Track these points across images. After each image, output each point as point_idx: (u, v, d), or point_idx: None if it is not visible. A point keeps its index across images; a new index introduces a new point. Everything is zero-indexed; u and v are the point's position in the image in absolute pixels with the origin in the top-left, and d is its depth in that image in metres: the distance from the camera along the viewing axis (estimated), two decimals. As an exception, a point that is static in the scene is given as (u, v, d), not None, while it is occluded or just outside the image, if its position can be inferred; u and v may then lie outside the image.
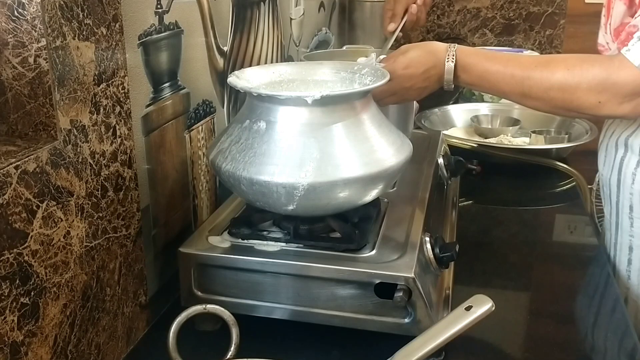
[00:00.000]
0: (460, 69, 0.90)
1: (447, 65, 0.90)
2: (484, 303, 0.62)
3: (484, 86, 0.93)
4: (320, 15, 1.61)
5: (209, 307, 0.66)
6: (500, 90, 0.91)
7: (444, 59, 0.91)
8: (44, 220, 0.57)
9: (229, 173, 0.73)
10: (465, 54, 0.91)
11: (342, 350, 0.74)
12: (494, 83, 0.90)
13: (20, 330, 0.55)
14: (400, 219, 0.83)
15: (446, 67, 0.90)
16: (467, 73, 0.91)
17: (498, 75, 0.89)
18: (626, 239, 1.00)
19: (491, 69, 0.90)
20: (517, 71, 0.88)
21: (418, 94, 0.95)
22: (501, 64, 0.89)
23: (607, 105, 0.83)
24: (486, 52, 0.94)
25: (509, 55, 0.93)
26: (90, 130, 0.63)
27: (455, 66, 0.90)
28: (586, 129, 1.42)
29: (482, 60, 0.91)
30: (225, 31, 0.98)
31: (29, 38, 0.56)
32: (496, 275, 0.95)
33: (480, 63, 0.90)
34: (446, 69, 0.90)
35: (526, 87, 0.87)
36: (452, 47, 0.91)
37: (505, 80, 0.89)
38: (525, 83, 0.87)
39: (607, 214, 1.05)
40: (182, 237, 0.82)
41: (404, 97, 0.95)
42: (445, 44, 0.93)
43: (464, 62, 0.90)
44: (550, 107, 0.90)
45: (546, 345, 0.77)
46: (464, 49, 0.92)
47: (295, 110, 0.72)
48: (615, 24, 0.94)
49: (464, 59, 0.90)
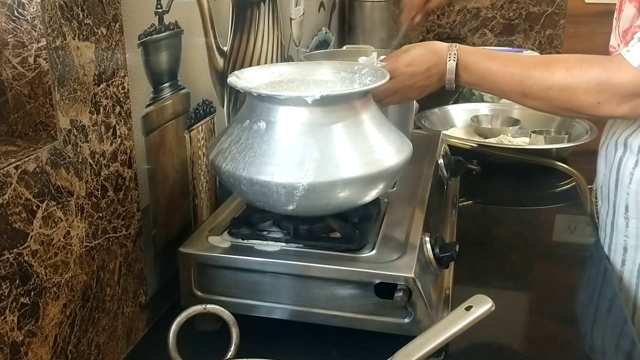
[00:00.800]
0: (461, 68, 0.91)
1: (448, 64, 0.91)
2: (484, 303, 0.62)
3: (485, 85, 0.93)
4: (320, 15, 1.61)
5: (209, 307, 0.66)
6: (501, 89, 0.91)
7: (446, 57, 0.91)
8: (44, 220, 0.57)
9: (229, 173, 0.73)
10: (466, 53, 0.91)
11: (342, 350, 0.74)
12: (494, 82, 0.91)
13: (20, 330, 0.55)
14: (400, 219, 0.83)
15: (448, 66, 0.91)
16: (468, 72, 0.91)
17: (499, 74, 0.89)
18: (621, 240, 1.00)
19: (492, 68, 0.90)
20: (518, 70, 0.88)
21: (419, 93, 0.95)
22: (502, 63, 0.90)
23: (606, 106, 0.84)
24: (487, 51, 0.95)
25: (510, 55, 0.93)
26: (90, 130, 0.63)
27: (457, 65, 0.90)
28: (586, 129, 1.42)
29: (483, 59, 0.91)
30: (225, 31, 0.98)
31: (29, 38, 0.56)
32: (496, 275, 0.95)
33: (481, 62, 0.91)
34: (448, 68, 0.91)
35: (526, 87, 0.88)
36: (453, 46, 0.92)
37: (506, 79, 0.89)
38: (525, 82, 0.87)
39: (602, 215, 1.05)
40: (182, 237, 0.81)
41: (405, 95, 0.95)
42: (447, 44, 0.93)
43: (465, 61, 0.91)
44: (550, 107, 0.90)
45: (546, 345, 0.77)
46: (466, 48, 0.92)
47: (295, 110, 0.72)
48: (624, 27, 0.94)
49: (465, 58, 0.91)
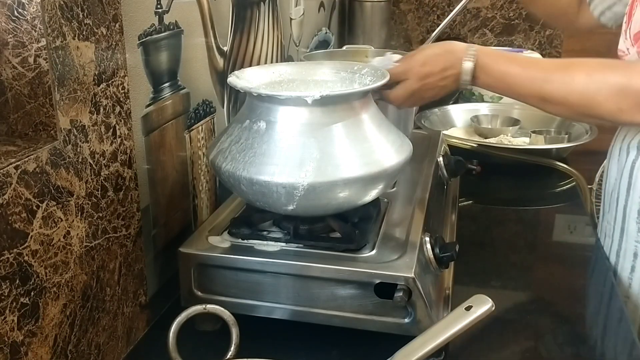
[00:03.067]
0: (479, 70, 0.88)
1: (465, 65, 0.88)
2: (484, 303, 0.62)
3: (502, 88, 0.90)
4: (320, 15, 1.61)
5: (209, 307, 0.66)
6: (519, 93, 0.89)
7: (462, 58, 0.88)
8: (44, 220, 0.57)
9: (229, 173, 0.73)
10: (484, 54, 0.88)
11: (342, 350, 0.74)
12: (512, 85, 0.88)
13: (20, 330, 0.55)
14: (400, 219, 0.83)
15: (464, 67, 0.88)
16: (485, 74, 0.88)
17: (517, 78, 0.87)
18: (631, 245, 0.97)
19: (511, 71, 0.87)
20: (537, 74, 0.86)
21: (435, 94, 0.92)
22: (521, 67, 0.87)
23: (628, 113, 0.81)
24: (506, 53, 0.91)
25: (529, 58, 0.91)
26: (90, 130, 0.63)
27: (474, 67, 0.88)
28: (586, 129, 1.42)
29: (502, 61, 0.88)
30: (225, 31, 0.98)
31: (29, 38, 0.56)
32: (496, 275, 0.95)
33: (499, 64, 0.88)
34: (464, 69, 0.88)
35: (545, 92, 0.85)
36: (471, 47, 0.89)
37: (525, 83, 0.87)
38: (545, 87, 0.85)
39: (609, 220, 1.02)
40: (182, 237, 0.82)
41: (422, 97, 0.93)
42: (465, 44, 0.90)
43: (483, 63, 0.88)
44: (571, 112, 0.87)
45: (546, 345, 0.77)
46: (484, 49, 0.90)
47: (295, 110, 0.72)
48: (635, 30, 0.92)
49: (483, 60, 0.88)
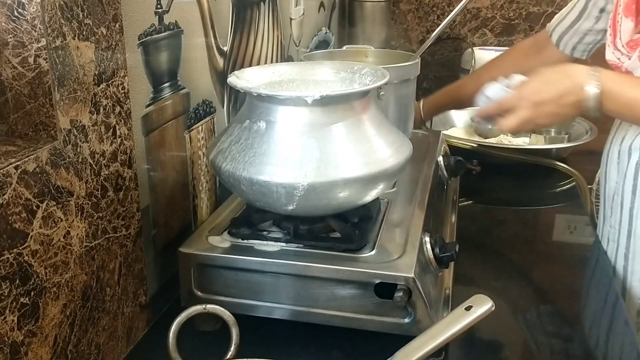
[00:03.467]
0: (605, 96, 0.83)
1: (589, 91, 0.83)
2: (484, 303, 0.62)
3: (631, 115, 0.86)
4: (320, 15, 1.61)
5: (209, 307, 0.66)
6: None
7: (583, 84, 0.83)
8: (44, 220, 0.57)
9: (229, 173, 0.73)
10: (608, 79, 0.83)
11: (342, 350, 0.74)
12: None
13: (20, 330, 0.55)
14: (400, 219, 0.83)
15: (589, 93, 0.83)
16: (613, 101, 0.83)
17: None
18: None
19: None
20: None
21: (553, 121, 0.89)
22: None
23: None
24: (632, 77, 0.87)
25: None
26: (90, 130, 0.63)
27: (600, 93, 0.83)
28: (586, 129, 1.42)
29: (628, 87, 0.84)
30: (225, 31, 0.98)
31: (29, 38, 0.56)
32: (496, 275, 0.95)
33: (628, 91, 0.84)
34: (589, 95, 0.83)
35: None
36: (595, 71, 0.84)
37: None
38: None
39: (613, 224, 1.01)
40: (182, 237, 0.82)
41: (537, 124, 0.90)
42: (587, 68, 0.85)
43: (610, 89, 0.83)
44: None
45: (546, 345, 0.77)
46: (607, 73, 0.85)
47: (295, 110, 0.72)
48: (626, 39, 0.90)
49: (609, 86, 0.83)
